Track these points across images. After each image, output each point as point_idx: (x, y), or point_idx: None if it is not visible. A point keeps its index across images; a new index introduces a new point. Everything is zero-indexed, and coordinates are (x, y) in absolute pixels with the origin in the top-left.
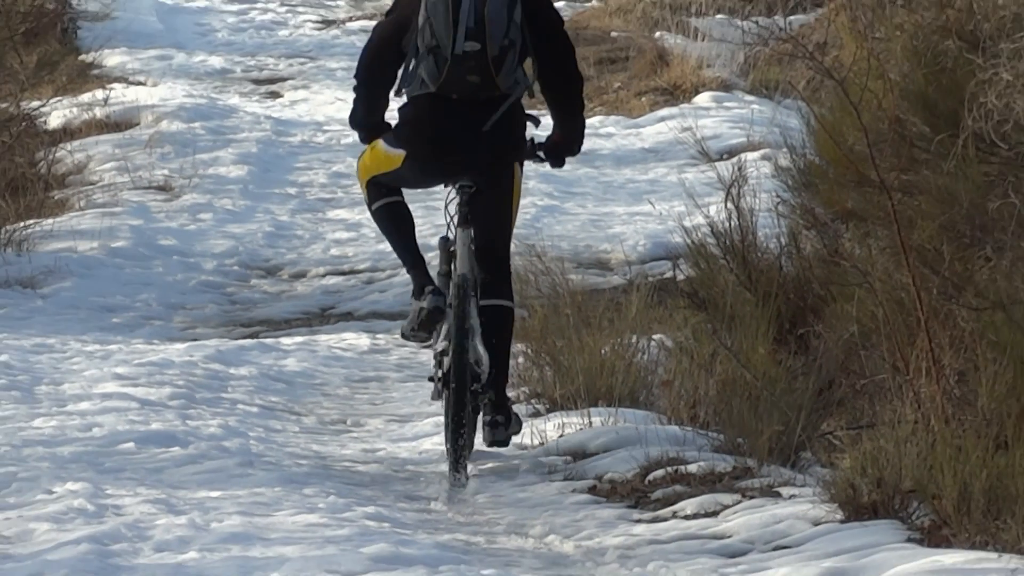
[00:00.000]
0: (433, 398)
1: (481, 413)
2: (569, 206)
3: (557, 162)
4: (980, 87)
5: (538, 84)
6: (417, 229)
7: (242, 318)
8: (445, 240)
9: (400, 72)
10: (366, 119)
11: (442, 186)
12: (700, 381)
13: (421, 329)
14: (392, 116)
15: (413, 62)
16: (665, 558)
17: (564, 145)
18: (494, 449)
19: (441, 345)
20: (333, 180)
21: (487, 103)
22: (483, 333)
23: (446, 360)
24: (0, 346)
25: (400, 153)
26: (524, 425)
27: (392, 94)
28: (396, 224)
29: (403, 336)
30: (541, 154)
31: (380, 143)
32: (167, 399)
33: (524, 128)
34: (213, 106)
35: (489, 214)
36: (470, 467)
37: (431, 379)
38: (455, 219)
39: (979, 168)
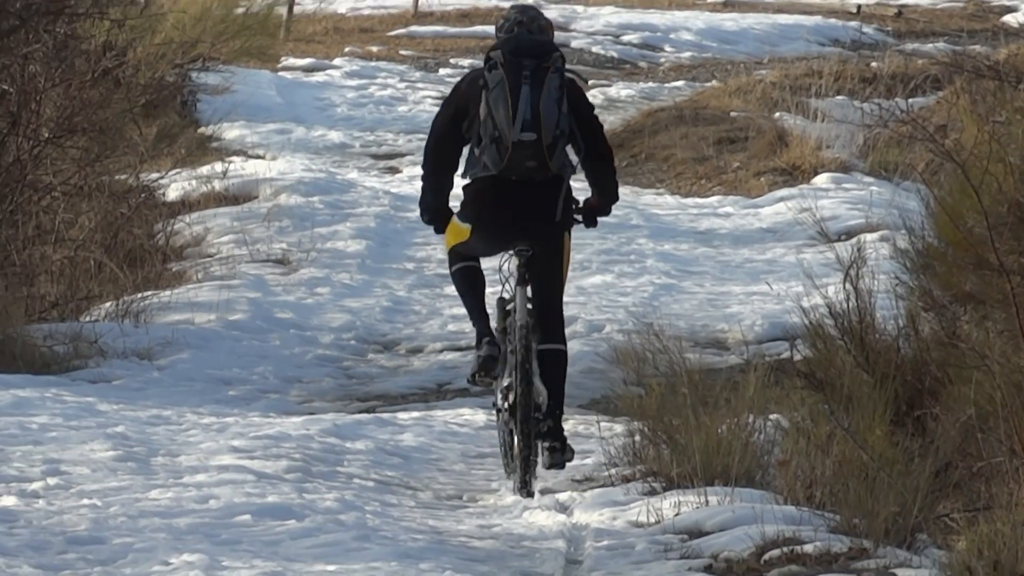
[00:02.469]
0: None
1: (541, 441)
2: (687, 285)
3: (591, 222)
4: None
5: (579, 160)
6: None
7: (359, 392)
8: (502, 300)
9: (465, 156)
10: (433, 203)
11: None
12: (817, 461)
13: (483, 372)
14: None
15: (476, 150)
16: None
17: (599, 208)
18: (601, 523)
19: (506, 381)
20: None
21: (541, 183)
22: (541, 372)
23: (511, 395)
24: (117, 417)
25: (468, 226)
26: (640, 503)
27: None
28: (469, 284)
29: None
30: (578, 217)
31: (455, 218)
32: (283, 472)
33: (569, 203)
34: (332, 180)
35: (544, 274)
36: (536, 483)
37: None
38: (511, 280)
39: None
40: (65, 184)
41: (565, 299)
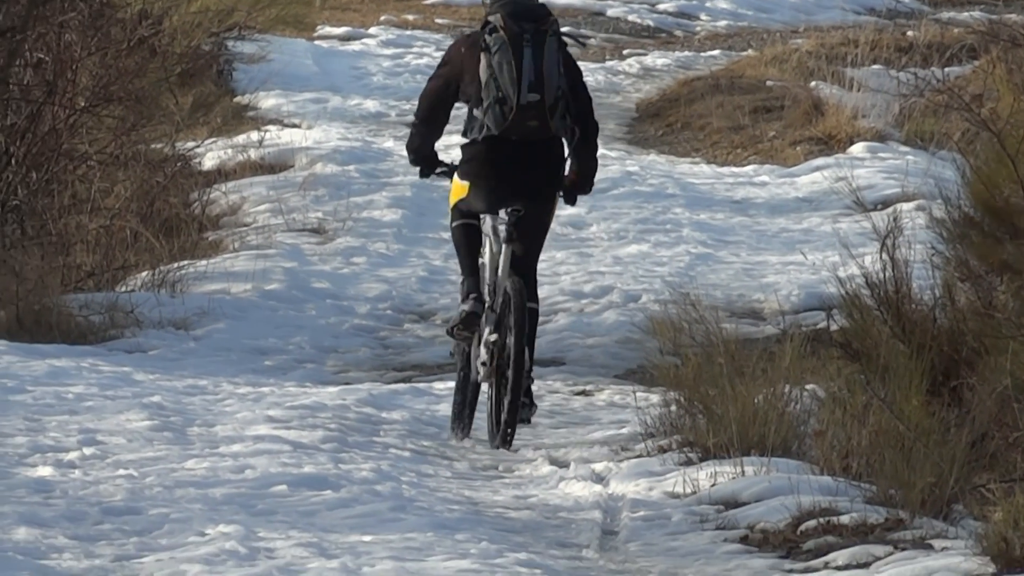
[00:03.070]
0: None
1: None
2: (723, 255)
3: (571, 200)
4: None
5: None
6: (571, 275)
7: (395, 362)
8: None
9: (459, 115)
10: (420, 149)
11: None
12: (853, 432)
13: (463, 328)
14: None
15: (475, 111)
16: None
17: (579, 184)
18: (637, 494)
19: (494, 337)
20: None
21: (539, 143)
22: None
23: (496, 351)
24: (153, 387)
25: (467, 184)
26: (676, 473)
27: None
28: (466, 240)
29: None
30: (559, 193)
31: (456, 176)
32: (319, 442)
33: (564, 164)
34: (368, 149)
35: (530, 233)
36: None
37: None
38: (491, 237)
39: None
40: (101, 153)
41: (601, 268)
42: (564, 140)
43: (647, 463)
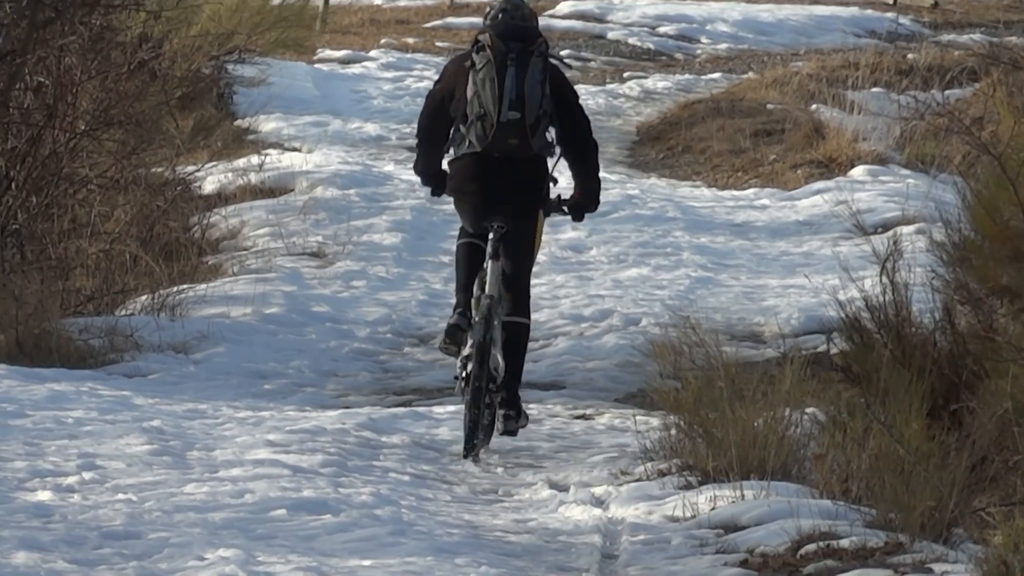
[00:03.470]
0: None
1: (497, 408)
2: (723, 278)
3: (578, 217)
4: None
5: (559, 148)
6: (571, 299)
7: (395, 386)
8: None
9: (451, 132)
10: (427, 168)
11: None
12: (853, 455)
13: (448, 340)
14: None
15: (462, 127)
16: None
17: (583, 204)
18: (637, 518)
19: (467, 351)
20: None
21: (521, 161)
22: (503, 343)
23: (470, 364)
24: (152, 411)
25: (453, 200)
26: (676, 497)
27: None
28: (464, 258)
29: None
30: (565, 208)
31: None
32: (319, 466)
33: (547, 183)
34: (368, 173)
35: (515, 249)
36: (483, 452)
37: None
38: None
39: None
40: (101, 177)
41: (601, 292)
42: (548, 159)
43: (647, 487)
